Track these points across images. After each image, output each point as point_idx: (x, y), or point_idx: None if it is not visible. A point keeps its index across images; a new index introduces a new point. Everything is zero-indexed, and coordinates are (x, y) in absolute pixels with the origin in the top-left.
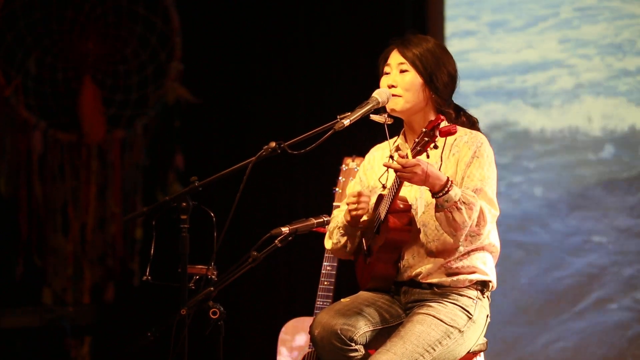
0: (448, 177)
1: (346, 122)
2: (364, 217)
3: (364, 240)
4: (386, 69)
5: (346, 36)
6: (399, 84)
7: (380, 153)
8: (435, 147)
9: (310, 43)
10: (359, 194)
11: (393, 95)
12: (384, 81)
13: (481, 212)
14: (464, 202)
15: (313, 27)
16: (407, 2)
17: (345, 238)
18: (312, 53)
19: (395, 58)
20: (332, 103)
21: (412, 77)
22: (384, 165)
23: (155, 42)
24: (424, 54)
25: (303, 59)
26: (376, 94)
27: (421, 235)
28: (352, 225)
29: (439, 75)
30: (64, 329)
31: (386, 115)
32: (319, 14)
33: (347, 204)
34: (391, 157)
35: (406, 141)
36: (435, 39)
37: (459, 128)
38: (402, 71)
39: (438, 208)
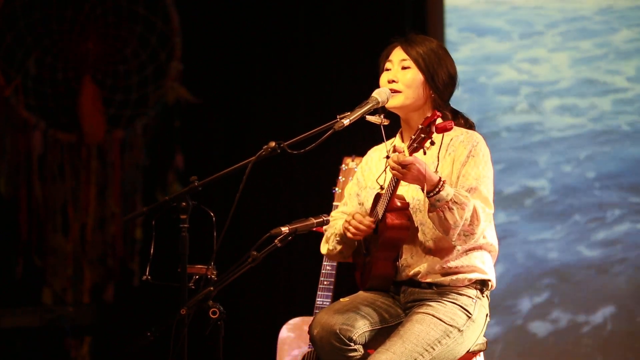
0: (440, 177)
1: (346, 121)
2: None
3: (362, 240)
4: (387, 65)
5: (346, 36)
6: (400, 79)
7: (377, 154)
8: (432, 143)
9: (310, 43)
10: (352, 216)
11: (393, 90)
12: (385, 77)
13: (474, 211)
14: (455, 202)
15: (313, 27)
16: (407, 2)
17: (341, 246)
18: (312, 53)
19: (397, 55)
20: (332, 103)
21: (414, 74)
22: (387, 156)
23: (155, 42)
24: (427, 53)
25: (303, 59)
26: (376, 93)
27: (419, 234)
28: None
29: (440, 74)
30: (63, 329)
31: (382, 116)
32: (319, 14)
33: (345, 222)
34: (388, 157)
35: (403, 141)
36: (435, 39)
37: (455, 127)
38: (404, 68)
39: (431, 208)
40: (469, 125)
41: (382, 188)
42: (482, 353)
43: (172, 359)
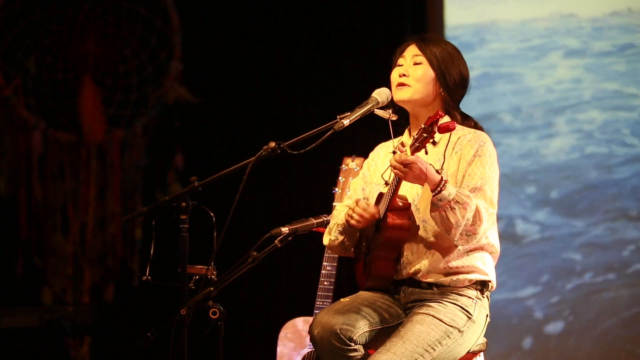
0: (442, 177)
1: (346, 122)
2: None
3: (363, 239)
4: (400, 61)
5: (346, 36)
6: (410, 74)
7: (384, 150)
8: (434, 143)
9: (310, 43)
10: (356, 202)
11: (403, 84)
12: (396, 71)
13: (477, 211)
14: (457, 202)
15: (313, 27)
16: (407, 2)
17: (343, 236)
18: (312, 53)
19: (411, 51)
20: (332, 103)
21: (425, 70)
22: (393, 152)
23: (155, 42)
24: (441, 52)
25: (303, 59)
26: (376, 93)
27: (421, 231)
28: (352, 226)
29: (451, 73)
30: (63, 328)
31: (390, 111)
32: (319, 14)
33: (349, 209)
34: (394, 152)
35: (411, 138)
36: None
37: (463, 127)
38: (415, 63)
39: (432, 207)
40: (478, 128)
41: (386, 183)
42: (482, 353)
43: (172, 359)
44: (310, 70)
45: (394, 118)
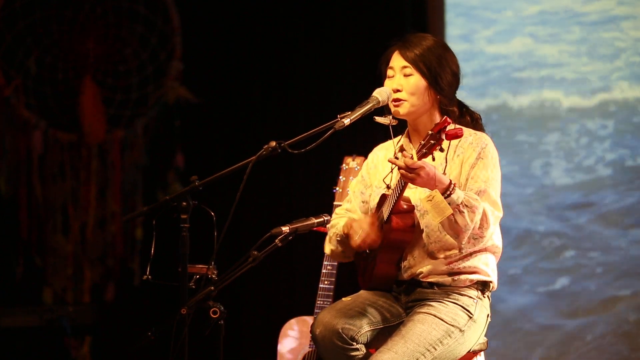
0: (451, 180)
1: (346, 121)
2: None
3: None
4: (389, 72)
5: (346, 36)
6: (403, 87)
7: (384, 153)
8: (442, 149)
9: (310, 43)
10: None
11: (398, 99)
12: (388, 85)
13: (484, 214)
14: (466, 206)
15: (313, 26)
16: (407, 2)
17: (342, 247)
18: (312, 53)
19: (397, 61)
20: (333, 102)
21: (417, 81)
22: (389, 161)
23: (155, 42)
24: (426, 55)
25: (303, 58)
26: (376, 93)
27: (423, 236)
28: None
29: (443, 76)
30: (64, 328)
31: (391, 117)
32: (319, 14)
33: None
34: (396, 157)
35: (410, 141)
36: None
37: (463, 129)
38: (405, 75)
39: None
40: (474, 119)
41: (388, 187)
42: (482, 352)
43: (173, 358)
44: (310, 70)
45: (395, 123)
